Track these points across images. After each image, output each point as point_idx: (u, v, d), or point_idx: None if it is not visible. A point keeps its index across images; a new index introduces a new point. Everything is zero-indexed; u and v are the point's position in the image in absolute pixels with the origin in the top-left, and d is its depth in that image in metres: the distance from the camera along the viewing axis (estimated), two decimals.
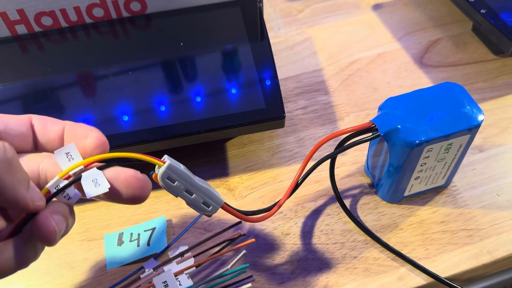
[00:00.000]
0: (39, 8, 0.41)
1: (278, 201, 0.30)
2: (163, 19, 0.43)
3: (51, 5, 0.41)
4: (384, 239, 0.35)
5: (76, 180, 0.22)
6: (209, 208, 0.26)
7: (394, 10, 0.51)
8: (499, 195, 0.36)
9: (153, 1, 0.43)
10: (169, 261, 0.31)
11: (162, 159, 0.24)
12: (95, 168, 0.23)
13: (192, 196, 0.25)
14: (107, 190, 0.22)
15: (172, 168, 0.24)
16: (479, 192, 0.37)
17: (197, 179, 0.25)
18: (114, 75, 0.40)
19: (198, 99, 0.37)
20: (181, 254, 0.32)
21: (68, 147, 0.22)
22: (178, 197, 0.25)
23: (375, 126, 0.31)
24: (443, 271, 0.33)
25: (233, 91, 0.37)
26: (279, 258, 0.34)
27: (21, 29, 0.42)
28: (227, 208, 0.26)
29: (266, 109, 0.36)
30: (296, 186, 0.31)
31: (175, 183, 0.24)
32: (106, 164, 0.23)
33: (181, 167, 0.25)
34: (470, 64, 0.45)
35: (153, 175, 0.24)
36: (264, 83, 0.38)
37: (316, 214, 0.36)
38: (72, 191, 0.23)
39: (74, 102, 0.38)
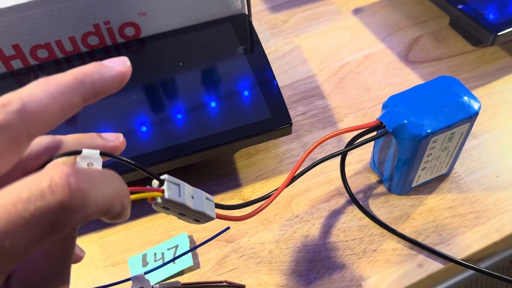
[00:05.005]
0: (34, 41, 0.41)
1: (275, 189, 0.31)
2: (158, 42, 0.44)
3: (47, 37, 0.41)
4: (399, 230, 0.36)
5: (74, 153, 0.20)
6: (199, 222, 0.25)
7: (373, 13, 0.53)
8: (498, 177, 0.39)
9: (147, 25, 0.43)
10: None
11: (161, 185, 0.22)
12: (98, 152, 0.21)
13: (184, 216, 0.24)
14: None
15: (169, 201, 0.22)
16: (479, 176, 0.39)
17: (193, 203, 0.23)
18: (115, 100, 0.40)
19: (204, 116, 0.38)
20: None
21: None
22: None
23: (383, 123, 0.33)
24: (458, 253, 0.35)
25: (238, 104, 0.39)
26: (303, 260, 0.35)
27: (16, 64, 0.42)
28: (220, 217, 0.26)
29: (273, 118, 0.38)
30: (295, 177, 0.32)
31: (170, 210, 0.23)
32: (107, 153, 0.22)
33: (179, 195, 0.23)
34: (452, 57, 0.48)
35: (149, 199, 0.22)
36: (267, 93, 0.39)
37: (331, 213, 0.38)
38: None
39: (77, 130, 0.38)
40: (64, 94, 0.18)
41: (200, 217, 0.24)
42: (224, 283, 0.34)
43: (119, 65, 0.20)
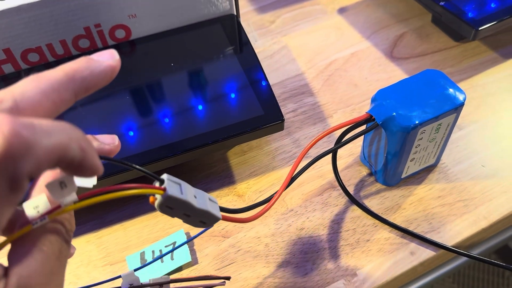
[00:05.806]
0: (25, 45, 0.41)
1: (275, 192, 0.31)
2: (149, 43, 0.44)
3: (37, 41, 0.42)
4: (391, 219, 0.37)
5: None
6: (205, 224, 0.25)
7: (358, 12, 0.55)
8: (484, 166, 0.40)
9: (137, 27, 0.44)
10: (146, 286, 0.31)
11: (161, 184, 0.22)
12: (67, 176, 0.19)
13: (189, 217, 0.24)
14: (91, 186, 0.20)
15: (171, 198, 0.22)
16: (466, 165, 0.40)
17: (196, 202, 0.23)
18: (108, 101, 0.40)
19: (198, 115, 0.39)
20: (160, 284, 0.31)
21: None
22: (175, 217, 0.24)
23: (373, 117, 0.34)
24: (448, 241, 0.36)
25: (231, 103, 0.39)
26: (299, 252, 0.36)
27: (7, 68, 0.42)
28: (225, 218, 0.26)
29: (265, 115, 0.38)
30: (293, 178, 0.33)
31: (173, 210, 0.23)
32: (102, 156, 0.21)
33: (181, 193, 0.22)
34: (435, 53, 0.50)
35: (150, 199, 0.22)
36: (258, 91, 0.40)
37: (324, 206, 0.39)
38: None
39: None
40: (55, 91, 0.18)
41: (205, 218, 0.24)
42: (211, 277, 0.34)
43: (108, 58, 0.20)
